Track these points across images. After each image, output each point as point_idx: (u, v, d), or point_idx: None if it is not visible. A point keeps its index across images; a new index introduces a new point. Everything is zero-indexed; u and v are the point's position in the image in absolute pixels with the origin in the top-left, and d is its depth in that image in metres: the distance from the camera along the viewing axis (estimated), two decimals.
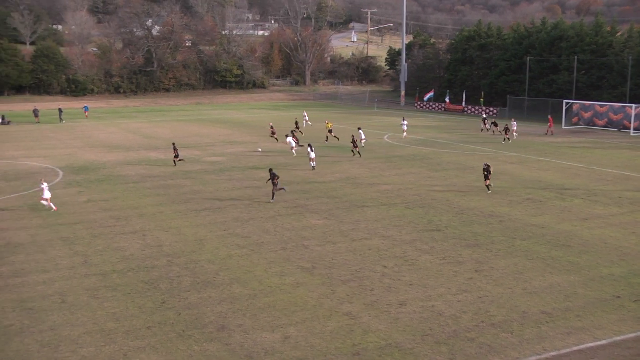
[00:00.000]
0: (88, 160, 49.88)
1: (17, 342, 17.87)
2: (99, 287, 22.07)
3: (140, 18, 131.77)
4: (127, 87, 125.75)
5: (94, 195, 36.97)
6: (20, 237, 28.13)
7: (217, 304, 20.47)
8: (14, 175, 43.33)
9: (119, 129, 72.48)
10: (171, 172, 44.23)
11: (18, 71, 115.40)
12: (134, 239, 27.85)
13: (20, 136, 66.57)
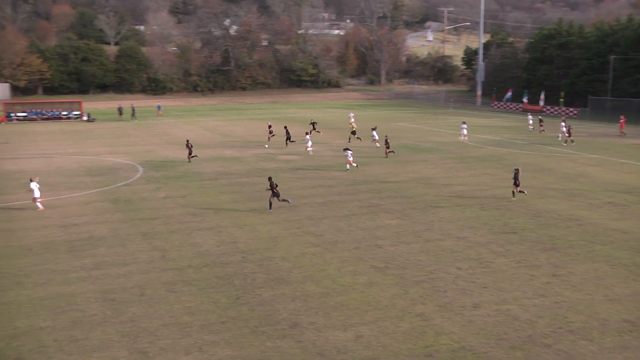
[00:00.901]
0: (167, 157, 51.16)
1: (99, 332, 18.52)
2: (176, 282, 22.61)
3: (218, 18, 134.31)
4: (205, 85, 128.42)
5: (172, 191, 37.87)
6: (102, 231, 29.11)
7: (290, 302, 20.65)
8: (97, 171, 44.89)
9: (196, 127, 74.05)
10: (246, 170, 44.88)
11: (103, 70, 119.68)
12: (210, 235, 28.39)
13: (103, 133, 68.91)
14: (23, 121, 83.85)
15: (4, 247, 26.65)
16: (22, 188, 38.67)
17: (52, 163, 48.35)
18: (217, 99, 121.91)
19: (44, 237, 28.12)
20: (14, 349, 17.52)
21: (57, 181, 40.88)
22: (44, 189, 37.97)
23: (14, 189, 38.69)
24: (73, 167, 46.64)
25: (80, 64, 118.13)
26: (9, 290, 21.77)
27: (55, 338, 18.12)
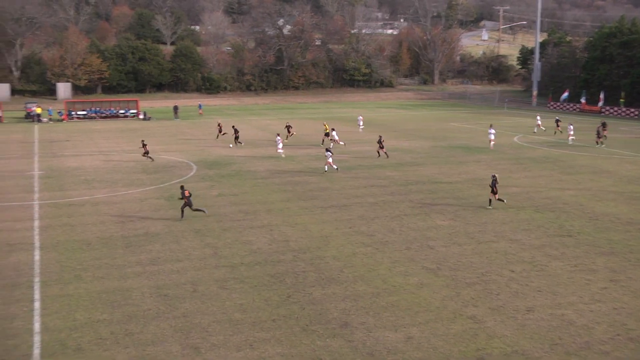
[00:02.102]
0: (219, 155, 51.79)
1: (154, 326, 18.90)
2: (228, 279, 22.90)
3: (272, 18, 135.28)
4: (258, 85, 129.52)
5: (225, 189, 38.34)
6: (157, 227, 29.67)
7: (341, 301, 20.69)
8: (153, 168, 45.75)
9: (249, 126, 74.75)
10: (299, 169, 45.10)
11: (159, 70, 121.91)
12: (262, 234, 28.64)
13: (159, 131, 70.18)
14: (83, 119, 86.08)
15: (65, 241, 27.42)
16: (83, 184, 39.72)
17: (110, 160, 49.48)
18: (270, 98, 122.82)
19: (102, 232, 28.83)
20: (74, 339, 18.04)
21: (114, 178, 41.83)
22: (103, 186, 38.94)
23: (75, 185, 39.74)
24: (130, 164, 47.66)
25: (137, 64, 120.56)
26: (69, 283, 22.41)
27: (112, 331, 18.58)
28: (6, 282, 22.56)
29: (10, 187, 39.07)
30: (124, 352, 17.31)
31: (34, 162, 49.11)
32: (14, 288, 21.97)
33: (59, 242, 27.37)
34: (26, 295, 21.28)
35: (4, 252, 25.95)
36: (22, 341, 17.97)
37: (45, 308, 20.20)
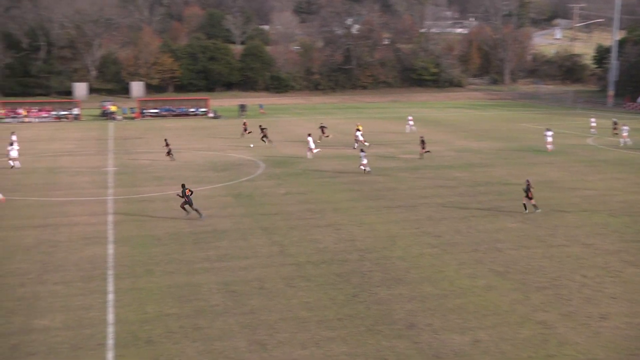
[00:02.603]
0: (287, 154, 52.19)
1: (221, 322, 19.22)
2: (294, 277, 23.06)
3: (341, 17, 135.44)
4: (326, 84, 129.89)
5: (292, 188, 38.61)
6: (225, 225, 30.14)
7: (407, 302, 20.56)
8: (222, 166, 46.50)
9: (316, 125, 75.00)
10: None
11: (229, 69, 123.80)
12: (328, 232, 28.72)
13: (227, 130, 71.22)
14: (155, 117, 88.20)
15: (137, 236, 28.18)
16: (154, 181, 40.73)
17: (181, 158, 50.53)
18: (338, 98, 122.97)
19: (171, 228, 29.49)
20: (145, 332, 18.52)
21: (185, 175, 42.68)
22: (173, 183, 39.81)
23: (146, 181, 40.78)
24: (199, 161, 48.57)
25: (208, 63, 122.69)
26: (140, 277, 23.02)
27: (181, 325, 18.98)
28: (82, 274, 23.35)
29: (87, 183, 40.40)
30: (192, 346, 17.66)
31: (108, 158, 50.65)
32: (89, 280, 22.72)
33: (131, 236, 28.14)
34: (101, 287, 21.97)
35: (81, 245, 26.86)
36: (97, 331, 18.57)
37: (118, 300, 20.82)
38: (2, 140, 62.53)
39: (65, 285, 22.25)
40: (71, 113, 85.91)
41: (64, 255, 25.45)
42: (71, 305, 20.41)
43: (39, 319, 19.39)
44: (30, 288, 21.95)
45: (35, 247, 26.51)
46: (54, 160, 49.82)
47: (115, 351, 17.39)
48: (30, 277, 23.04)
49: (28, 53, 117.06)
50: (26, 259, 25.07)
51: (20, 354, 17.26)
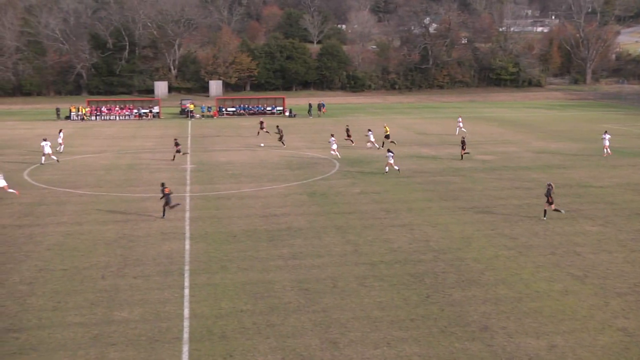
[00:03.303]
0: (362, 153, 52.12)
1: (294, 319, 19.39)
2: (367, 276, 23.02)
3: (418, 16, 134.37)
4: (402, 83, 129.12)
5: (367, 187, 38.55)
6: (300, 223, 30.37)
7: (481, 304, 20.21)
8: (297, 164, 46.88)
9: (392, 125, 74.62)
10: (441, 168, 44.53)
11: (305, 68, 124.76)
12: (402, 232, 28.54)
13: (303, 129, 71.78)
14: (232, 115, 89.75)
15: (213, 232, 28.74)
16: (230, 179, 41.45)
17: (257, 156, 51.25)
18: (414, 97, 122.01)
19: (247, 225, 29.93)
20: (219, 327, 18.88)
21: (260, 173, 43.27)
22: (249, 180, 40.42)
23: (223, 179, 41.53)
24: (275, 160, 49.11)
25: (285, 62, 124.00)
26: (215, 273, 23.48)
27: (254, 321, 19.25)
28: (160, 268, 24.01)
29: (165, 179, 41.37)
30: (265, 343, 17.88)
31: (186, 156, 51.84)
32: (166, 274, 23.33)
33: (207, 233, 28.72)
34: (177, 282, 22.53)
35: (159, 240, 27.61)
36: (173, 325, 19.05)
37: (193, 295, 21.29)
38: (86, 137, 64.98)
39: (144, 279, 22.92)
40: (151, 111, 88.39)
41: (143, 250, 26.22)
42: (149, 299, 21.02)
43: (119, 311, 20.05)
44: (111, 281, 22.72)
45: (116, 242, 27.42)
46: (134, 157, 51.40)
47: (190, 345, 17.79)
48: (111, 270, 23.85)
49: (112, 53, 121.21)
50: (108, 252, 25.96)
51: (101, 344, 17.89)
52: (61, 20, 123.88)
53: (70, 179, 41.45)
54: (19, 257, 25.44)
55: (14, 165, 46.81)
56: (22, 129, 72.68)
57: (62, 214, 32.34)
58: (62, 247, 26.62)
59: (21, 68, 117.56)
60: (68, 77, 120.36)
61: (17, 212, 32.72)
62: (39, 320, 19.46)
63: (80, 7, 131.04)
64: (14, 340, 18.20)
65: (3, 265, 24.40)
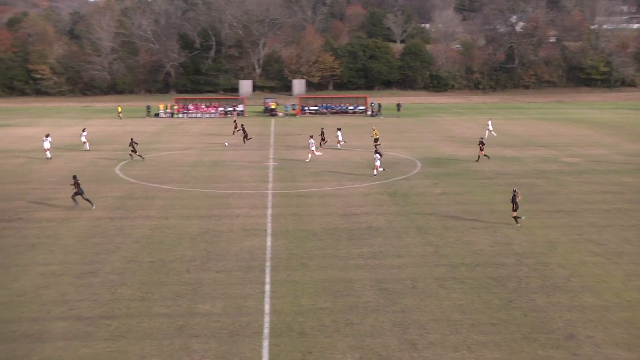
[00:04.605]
0: (444, 153, 51.52)
1: (372, 318, 19.40)
2: (448, 278, 22.77)
3: (504, 15, 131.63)
4: (486, 83, 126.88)
5: (448, 188, 38.09)
6: (380, 222, 30.32)
7: (566, 311, 19.65)
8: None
9: (476, 125, 73.46)
10: (525, 171, 43.49)
11: (388, 67, 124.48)
12: (484, 235, 28.07)
13: (384, 128, 71.50)
14: (314, 114, 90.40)
15: (294, 230, 29.07)
16: (311, 177, 41.79)
17: (338, 154, 51.44)
18: (498, 97, 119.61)
19: (327, 223, 30.11)
20: (298, 324, 19.11)
21: (341, 172, 43.43)
22: (330, 179, 40.66)
23: (304, 177, 41.91)
24: (356, 159, 49.18)
25: (367, 61, 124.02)
26: (296, 270, 23.75)
27: (333, 319, 19.37)
28: (242, 264, 24.48)
29: (248, 177, 42.23)
30: (343, 341, 17.96)
31: (269, 153, 52.61)
32: (248, 270, 23.78)
33: (288, 230, 29.07)
34: (258, 278, 22.92)
35: (241, 236, 28.16)
36: (254, 320, 19.41)
37: (274, 291, 21.61)
38: (173, 134, 66.91)
39: (226, 273, 23.43)
40: (236, 109, 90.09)
41: (226, 246, 26.79)
42: (231, 293, 21.47)
43: (202, 304, 20.58)
44: (194, 274, 23.34)
45: (200, 236, 28.13)
46: (219, 154, 52.55)
47: (270, 340, 18.07)
48: (195, 264, 24.50)
49: (200, 52, 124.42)
50: (192, 246, 26.68)
51: (185, 335, 18.43)
52: (153, 22, 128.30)
53: (158, 175, 42.80)
54: (110, 248, 26.51)
55: (107, 161, 48.74)
56: (114, 126, 75.57)
57: (149, 208, 33.46)
58: (150, 240, 27.55)
59: (115, 67, 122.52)
60: (158, 76, 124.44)
61: (109, 205, 34.07)
62: (128, 309, 20.24)
63: (170, 8, 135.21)
64: (106, 326, 19.02)
65: (97, 256, 25.49)
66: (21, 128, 72.33)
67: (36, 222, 30.71)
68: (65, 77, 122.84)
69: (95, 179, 41.29)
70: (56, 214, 32.28)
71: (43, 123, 78.52)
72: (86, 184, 39.28)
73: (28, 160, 49.30)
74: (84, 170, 44.17)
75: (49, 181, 40.83)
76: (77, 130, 69.32)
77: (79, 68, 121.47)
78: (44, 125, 74.15)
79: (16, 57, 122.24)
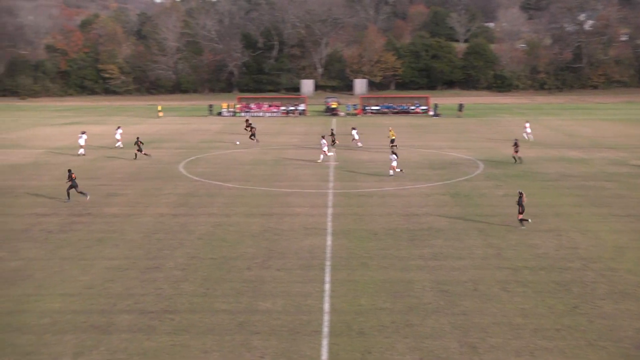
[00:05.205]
0: (507, 155, 50.56)
1: (432, 320, 19.22)
2: (510, 281, 22.36)
3: (572, 13, 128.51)
4: (552, 83, 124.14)
5: (511, 189, 37.35)
6: (441, 223, 30.00)
7: (636, 319, 19.04)
8: (439, 164, 46.32)
9: (540, 126, 71.90)
10: (592, 173, 42.33)
11: (451, 67, 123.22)
12: (548, 238, 27.44)
13: (447, 128, 70.81)
14: (376, 114, 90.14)
15: (354, 229, 29.05)
16: (372, 177, 41.68)
17: (399, 154, 51.13)
18: (564, 98, 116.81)
19: (388, 224, 29.98)
20: (358, 323, 19.08)
21: (402, 172, 43.13)
22: (391, 179, 40.45)
23: (365, 176, 41.83)
24: (417, 159, 48.80)
25: (430, 61, 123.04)
26: (355, 269, 23.73)
27: (393, 320, 19.27)
28: (302, 262, 24.61)
29: (309, 176, 42.41)
30: (403, 342, 17.86)
31: (330, 153, 52.70)
32: (308, 269, 23.88)
33: (348, 229, 29.06)
34: (318, 277, 22.99)
35: (301, 235, 28.30)
36: (313, 318, 19.48)
37: (334, 291, 21.64)
38: (235, 133, 67.77)
39: (287, 272, 23.59)
40: (297, 108, 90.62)
41: (286, 244, 26.97)
42: (291, 291, 21.61)
43: (263, 302, 20.78)
44: (256, 272, 23.59)
45: (261, 234, 28.40)
46: (280, 152, 52.96)
47: (329, 339, 18.11)
48: (257, 261, 24.75)
49: (262, 52, 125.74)
50: (253, 244, 26.96)
51: (245, 331, 18.64)
52: (217, 22, 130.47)
53: (220, 173, 43.42)
54: (173, 244, 27.04)
55: (171, 158, 49.74)
56: (178, 124, 77.08)
57: (212, 205, 33.98)
58: (212, 237, 27.97)
59: (180, 67, 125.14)
60: (221, 75, 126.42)
61: (173, 202, 34.76)
62: (191, 304, 20.61)
63: (234, 8, 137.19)
64: (169, 320, 19.41)
65: (160, 251, 26.05)
66: (91, 126, 74.45)
67: (103, 217, 31.59)
68: (133, 76, 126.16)
69: (160, 176, 42.19)
70: (122, 209, 33.13)
71: (111, 121, 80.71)
72: (150, 181, 40.35)
73: (96, 157, 50.73)
74: (148, 168, 45.22)
75: (116, 177, 41.93)
76: (144, 128, 71.02)
77: (146, 67, 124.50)
78: (111, 124, 76.19)
79: (87, 57, 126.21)
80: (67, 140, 57.91)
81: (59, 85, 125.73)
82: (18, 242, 27.50)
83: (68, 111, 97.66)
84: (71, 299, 21.20)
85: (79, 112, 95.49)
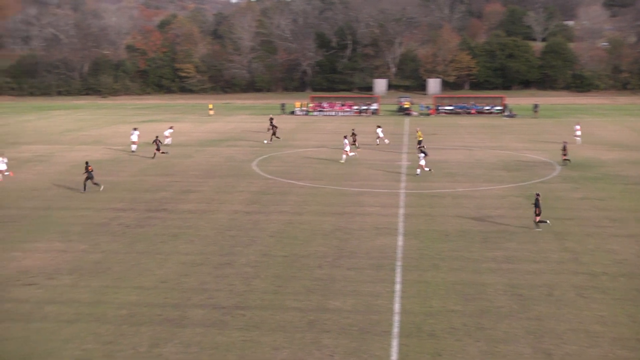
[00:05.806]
0: (586, 156, 49.10)
1: (505, 324, 18.88)
2: (587, 287, 21.73)
3: None
4: (635, 83, 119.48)
5: (589, 192, 36.32)
6: (514, 226, 29.37)
7: None
8: (514, 166, 45.37)
9: (622, 127, 69.46)
10: None
11: (527, 67, 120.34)
12: (629, 244, 26.51)
13: (522, 129, 69.22)
14: (449, 114, 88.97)
15: (426, 230, 28.81)
16: (446, 177, 41.22)
17: (472, 155, 50.41)
18: None
19: (460, 225, 29.60)
20: (428, 325, 18.94)
21: (476, 173, 42.51)
22: (465, 180, 39.93)
23: (438, 177, 41.38)
24: (492, 160, 47.94)
25: (505, 60, 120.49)
26: (427, 270, 23.54)
27: (464, 322, 19.02)
28: (373, 262, 24.58)
29: (380, 176, 42.28)
30: (474, 345, 17.61)
31: (402, 153, 52.40)
32: (379, 268, 23.84)
33: (420, 230, 28.84)
34: (389, 277, 22.92)
35: (372, 234, 28.26)
36: (383, 318, 19.44)
37: (404, 291, 21.53)
38: (308, 131, 68.13)
39: (357, 271, 23.61)
40: (370, 108, 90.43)
41: (357, 243, 26.99)
42: (361, 291, 21.61)
43: (333, 300, 20.86)
44: (326, 270, 23.70)
45: (332, 233, 28.51)
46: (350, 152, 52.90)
47: (399, 340, 18.03)
48: (327, 260, 24.86)
49: (336, 51, 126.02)
50: (324, 243, 27.09)
51: (315, 329, 18.76)
52: (291, 21, 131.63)
53: (292, 171, 43.80)
54: (245, 241, 27.47)
55: (244, 156, 50.49)
56: (251, 123, 78.13)
57: (284, 203, 34.32)
58: (283, 235, 28.26)
59: (254, 66, 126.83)
60: (294, 75, 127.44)
61: (246, 199, 35.31)
62: (262, 301, 20.90)
63: (308, 8, 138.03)
64: (241, 316, 19.75)
65: (233, 248, 26.51)
66: (167, 124, 76.36)
67: (178, 213, 32.38)
68: (208, 75, 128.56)
69: (233, 173, 42.90)
70: (197, 206, 33.86)
71: (187, 119, 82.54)
72: (224, 178, 41.08)
73: (172, 154, 51.96)
74: (222, 165, 46.05)
75: (190, 174, 42.87)
76: (219, 126, 72.35)
77: (221, 67, 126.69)
78: (187, 121, 77.92)
79: (165, 56, 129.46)
80: (144, 138, 59.54)
81: (138, 84, 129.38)
82: (98, 236, 28.51)
83: (146, 109, 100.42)
84: (147, 292, 21.84)
85: (156, 110, 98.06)
